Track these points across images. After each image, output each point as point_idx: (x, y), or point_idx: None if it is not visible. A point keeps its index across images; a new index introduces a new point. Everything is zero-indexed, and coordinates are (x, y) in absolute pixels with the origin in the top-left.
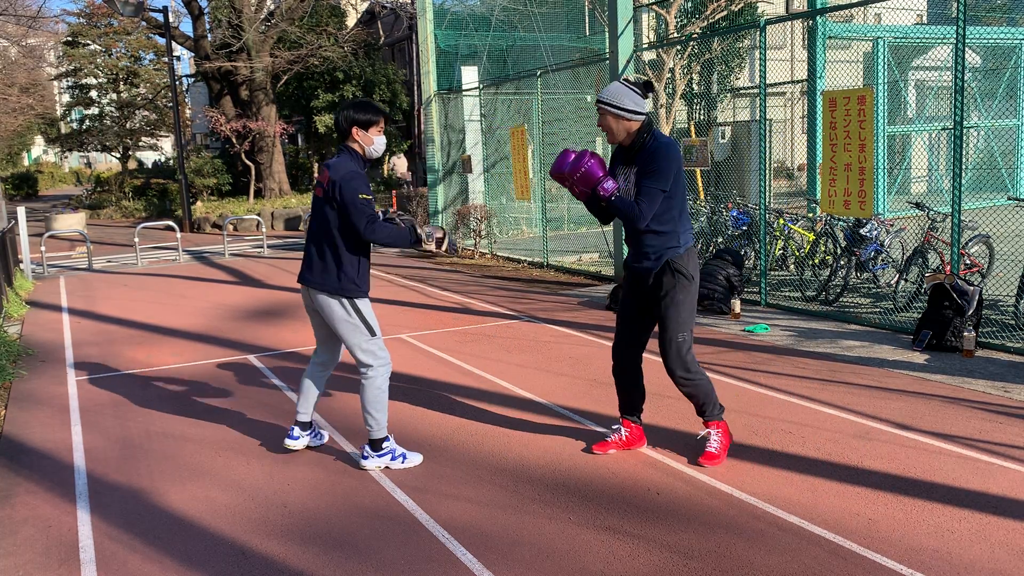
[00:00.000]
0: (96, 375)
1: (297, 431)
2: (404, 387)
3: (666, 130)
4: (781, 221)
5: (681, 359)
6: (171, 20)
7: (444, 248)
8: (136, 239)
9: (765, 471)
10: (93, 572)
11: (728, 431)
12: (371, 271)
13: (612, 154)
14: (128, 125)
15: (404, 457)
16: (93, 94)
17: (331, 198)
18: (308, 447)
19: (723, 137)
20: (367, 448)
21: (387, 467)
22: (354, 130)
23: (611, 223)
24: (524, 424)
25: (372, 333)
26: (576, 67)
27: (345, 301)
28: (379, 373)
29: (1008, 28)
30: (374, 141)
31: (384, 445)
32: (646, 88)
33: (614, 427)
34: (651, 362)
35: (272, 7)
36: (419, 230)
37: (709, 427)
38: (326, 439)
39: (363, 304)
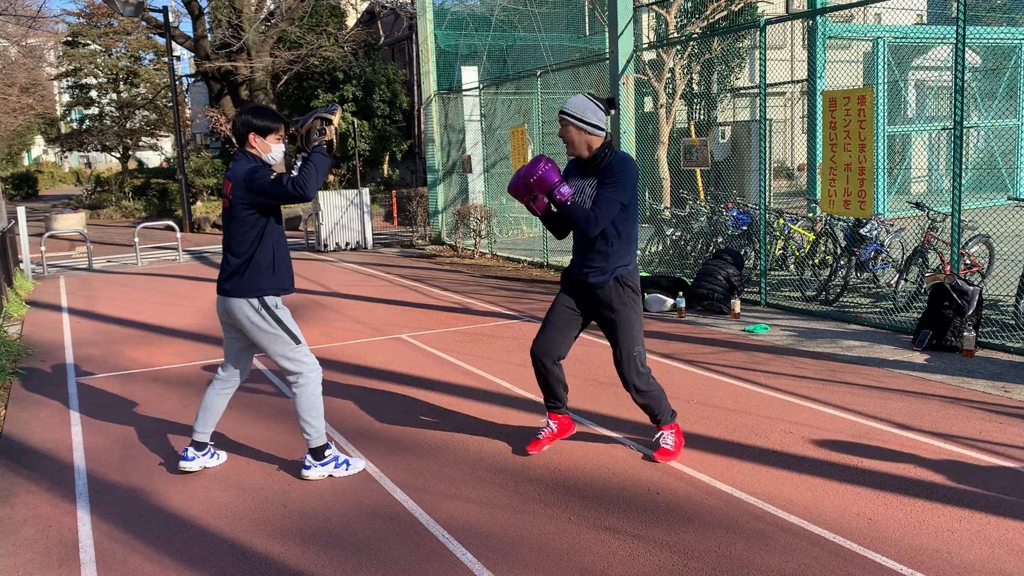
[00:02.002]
0: (96, 375)
1: (192, 452)
2: (404, 387)
3: (666, 130)
4: (781, 221)
5: (638, 371)
6: (171, 20)
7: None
8: (136, 239)
9: (765, 471)
10: (93, 572)
11: (680, 431)
12: (369, 270)
13: (566, 167)
14: (128, 125)
15: (348, 464)
16: (93, 94)
17: (241, 202)
18: (205, 468)
19: (723, 137)
20: (309, 457)
21: (331, 475)
22: (251, 136)
23: (566, 236)
24: (524, 424)
25: (296, 340)
26: (576, 67)
27: (258, 304)
28: (310, 380)
29: (1008, 28)
30: (271, 149)
31: (326, 453)
32: (608, 104)
33: (543, 422)
34: (652, 362)
35: (272, 7)
36: (317, 132)
37: (662, 430)
38: (224, 458)
39: (282, 313)
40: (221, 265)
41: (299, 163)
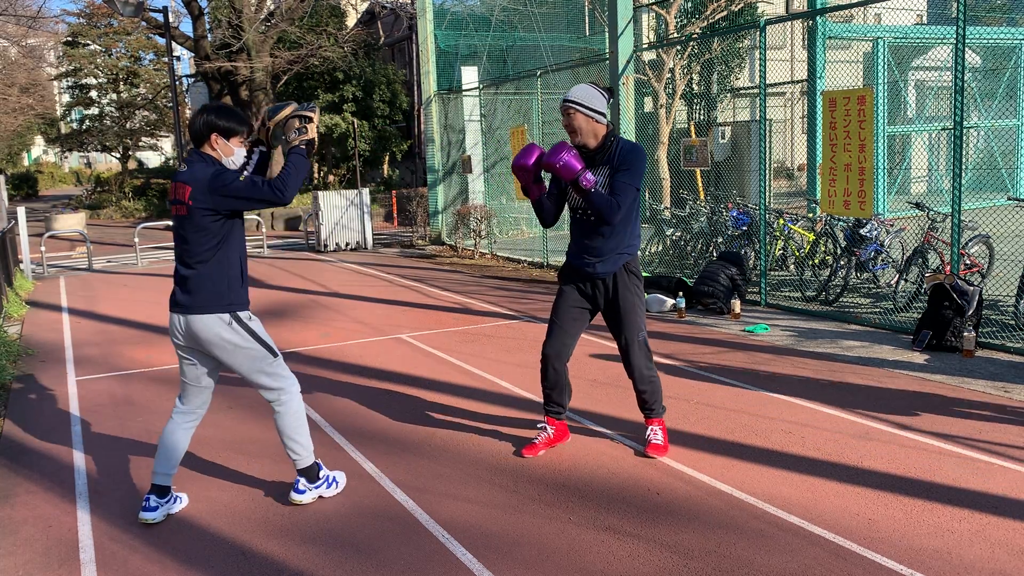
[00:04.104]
0: (96, 375)
1: (154, 500)
2: (404, 387)
3: (666, 130)
4: (781, 221)
5: (646, 356)
6: (171, 20)
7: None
8: (136, 239)
9: (765, 471)
10: (93, 572)
11: (665, 425)
12: (369, 270)
13: None
14: (128, 125)
15: (336, 482)
16: (93, 94)
17: (203, 208)
18: (169, 514)
19: (723, 137)
20: (302, 480)
21: (321, 496)
22: (213, 136)
23: (552, 226)
24: (524, 424)
25: (273, 353)
26: (576, 67)
27: (230, 319)
28: (292, 396)
29: (1008, 28)
30: (234, 152)
31: (321, 474)
32: (609, 92)
33: (540, 426)
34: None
35: (272, 7)
36: (296, 131)
37: (652, 424)
38: (185, 503)
39: (255, 325)
40: (176, 279)
41: (255, 159)
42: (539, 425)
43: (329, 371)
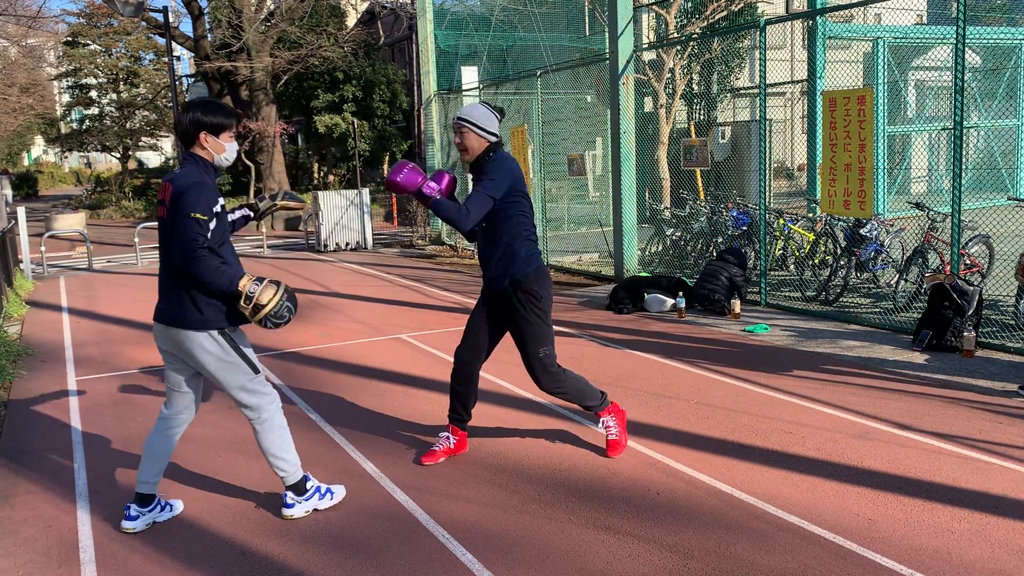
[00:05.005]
0: (96, 375)
1: (135, 509)
2: (404, 387)
3: (666, 130)
4: (781, 221)
5: (547, 372)
6: (171, 20)
7: (257, 319)
8: (136, 239)
9: (765, 471)
10: (93, 572)
11: (618, 408)
12: (369, 270)
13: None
14: (128, 125)
15: (331, 493)
16: (93, 94)
17: (172, 215)
18: (155, 522)
19: (723, 137)
20: (290, 494)
21: (315, 509)
22: (202, 135)
23: (469, 239)
24: (524, 424)
25: (255, 370)
26: (576, 67)
27: (216, 335)
28: (273, 412)
29: (1008, 28)
30: (225, 148)
31: (308, 486)
32: (501, 113)
33: (443, 435)
34: (651, 362)
35: (272, 7)
36: (246, 285)
37: (601, 416)
38: (180, 508)
39: (238, 336)
40: (161, 287)
41: (236, 214)
42: (442, 435)
43: (329, 371)
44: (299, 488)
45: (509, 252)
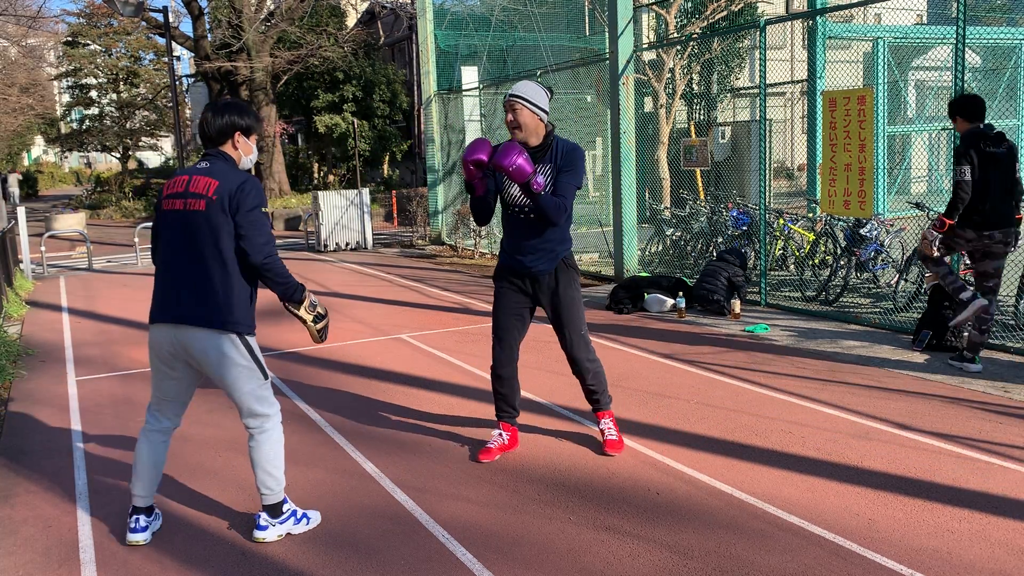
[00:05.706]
0: (96, 375)
1: (143, 520)
2: (404, 387)
3: (666, 130)
4: (781, 221)
5: (588, 349)
6: (171, 20)
7: (318, 328)
8: (136, 239)
9: (765, 471)
10: (93, 572)
11: (614, 416)
12: (369, 270)
13: None
14: (128, 125)
15: (307, 518)
16: (93, 94)
17: (227, 210)
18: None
19: (723, 137)
20: (264, 516)
21: (289, 533)
22: (237, 135)
23: (487, 223)
24: (524, 424)
25: (265, 375)
26: (576, 67)
27: (236, 338)
28: (275, 423)
29: (1008, 28)
30: (253, 151)
31: (284, 508)
32: (550, 91)
33: (496, 432)
34: (651, 362)
35: (272, 7)
36: (307, 294)
37: (602, 417)
38: (160, 518)
39: (254, 341)
40: (174, 284)
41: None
42: (496, 432)
43: (329, 371)
44: (275, 511)
45: (561, 236)
